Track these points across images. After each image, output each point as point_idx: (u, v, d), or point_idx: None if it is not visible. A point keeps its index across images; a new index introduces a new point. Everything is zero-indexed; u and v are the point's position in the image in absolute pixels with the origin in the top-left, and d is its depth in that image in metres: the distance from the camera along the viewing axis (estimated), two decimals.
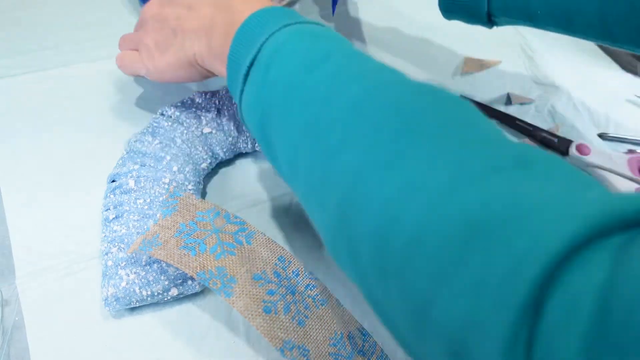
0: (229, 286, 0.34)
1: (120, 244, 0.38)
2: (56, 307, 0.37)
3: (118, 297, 0.36)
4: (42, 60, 0.51)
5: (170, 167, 0.42)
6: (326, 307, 0.36)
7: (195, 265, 0.34)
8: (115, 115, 0.48)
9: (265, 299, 0.34)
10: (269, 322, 0.34)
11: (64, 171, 0.44)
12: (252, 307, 0.34)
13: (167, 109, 0.46)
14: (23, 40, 0.53)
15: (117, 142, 0.44)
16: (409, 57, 0.57)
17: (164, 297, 0.37)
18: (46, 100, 0.48)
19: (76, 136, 0.46)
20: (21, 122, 0.47)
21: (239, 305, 0.34)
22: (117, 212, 0.40)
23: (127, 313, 0.37)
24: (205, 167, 0.44)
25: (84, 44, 0.54)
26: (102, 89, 0.50)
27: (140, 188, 0.40)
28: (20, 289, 0.37)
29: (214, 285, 0.34)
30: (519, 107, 0.55)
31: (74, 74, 0.51)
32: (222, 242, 0.36)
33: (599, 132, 0.54)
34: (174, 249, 0.35)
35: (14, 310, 0.37)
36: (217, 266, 0.35)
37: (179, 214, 0.37)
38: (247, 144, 0.46)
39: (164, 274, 0.37)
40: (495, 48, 0.61)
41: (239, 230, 0.38)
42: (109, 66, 0.52)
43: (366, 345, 0.36)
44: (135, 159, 0.42)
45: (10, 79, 0.50)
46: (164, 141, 0.43)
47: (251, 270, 0.36)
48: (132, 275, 0.37)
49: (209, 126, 0.45)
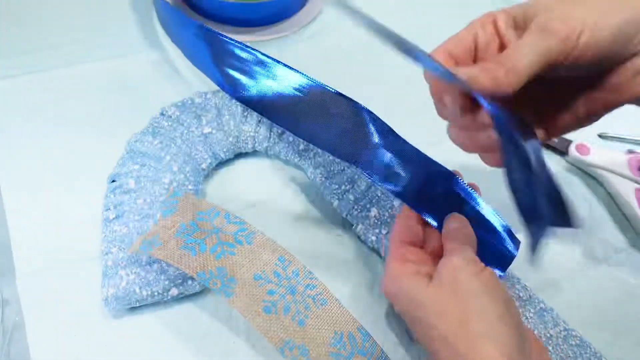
0: (229, 286, 0.34)
1: (120, 244, 0.38)
2: (56, 307, 0.37)
3: (118, 297, 0.36)
4: (42, 60, 0.51)
5: (170, 167, 0.42)
6: (326, 307, 0.36)
7: (196, 265, 0.34)
8: (115, 115, 0.48)
9: (265, 299, 0.34)
10: (269, 322, 0.34)
11: (64, 171, 0.44)
12: (252, 307, 0.34)
13: (167, 109, 0.46)
14: (23, 40, 0.53)
15: (117, 142, 0.44)
16: None
17: (164, 297, 0.37)
18: (46, 100, 0.48)
19: (76, 136, 0.46)
20: (21, 122, 0.47)
21: (239, 305, 0.34)
22: (117, 212, 0.40)
23: (127, 313, 0.37)
24: (205, 167, 0.44)
25: (85, 44, 0.54)
26: (102, 89, 0.50)
27: (140, 188, 0.40)
28: (20, 289, 0.37)
29: (214, 285, 0.34)
30: None
31: (74, 74, 0.51)
32: (222, 242, 0.37)
33: (599, 132, 0.54)
34: (174, 249, 0.35)
35: (14, 310, 0.37)
36: (217, 266, 0.35)
37: (179, 214, 0.37)
38: (247, 144, 0.46)
39: (164, 274, 0.37)
40: None
41: (239, 230, 0.38)
42: (109, 66, 0.52)
43: (366, 345, 0.36)
44: (136, 159, 0.42)
45: (10, 79, 0.50)
46: (164, 141, 0.43)
47: (251, 270, 0.36)
48: (132, 275, 0.37)
49: (209, 126, 0.45)
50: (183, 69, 0.53)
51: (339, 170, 0.44)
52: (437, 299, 0.31)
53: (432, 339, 0.31)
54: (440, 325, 0.31)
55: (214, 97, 0.47)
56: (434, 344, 0.31)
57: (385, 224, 0.42)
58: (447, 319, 0.30)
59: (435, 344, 0.31)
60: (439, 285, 0.32)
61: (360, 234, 0.43)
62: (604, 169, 0.49)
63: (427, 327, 0.31)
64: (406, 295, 0.33)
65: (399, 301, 0.34)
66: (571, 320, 0.40)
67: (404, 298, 0.33)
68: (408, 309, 0.33)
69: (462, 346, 0.29)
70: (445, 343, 0.30)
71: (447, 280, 0.32)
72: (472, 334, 0.29)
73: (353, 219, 0.43)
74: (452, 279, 0.31)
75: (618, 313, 0.42)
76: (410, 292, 0.33)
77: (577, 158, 0.50)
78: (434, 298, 0.32)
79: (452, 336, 0.30)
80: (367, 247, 0.43)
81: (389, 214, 0.42)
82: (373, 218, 0.42)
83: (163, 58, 0.54)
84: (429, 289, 0.32)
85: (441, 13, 0.66)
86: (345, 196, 0.43)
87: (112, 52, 0.53)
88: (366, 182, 0.43)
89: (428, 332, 0.31)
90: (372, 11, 0.64)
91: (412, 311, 0.33)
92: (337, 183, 0.44)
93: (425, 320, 0.31)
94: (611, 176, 0.48)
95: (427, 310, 0.31)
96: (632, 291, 0.43)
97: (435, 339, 0.31)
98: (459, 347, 0.29)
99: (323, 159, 0.45)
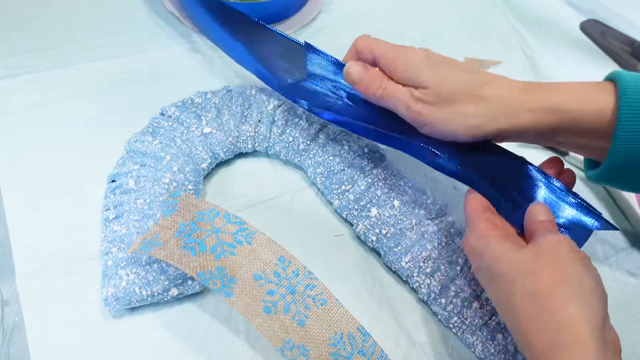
0: (228, 286, 0.34)
1: (120, 244, 0.38)
2: (56, 307, 0.37)
3: (118, 297, 0.36)
4: (42, 60, 0.52)
5: (170, 167, 0.42)
6: (326, 307, 0.36)
7: (195, 265, 0.34)
8: (115, 115, 0.48)
9: (265, 299, 0.34)
10: (269, 322, 0.34)
11: (64, 171, 0.44)
12: (252, 307, 0.34)
13: (167, 109, 0.46)
14: (23, 40, 0.53)
15: (117, 142, 0.44)
16: None
17: (164, 297, 0.37)
18: (46, 100, 0.48)
19: (76, 136, 0.46)
20: (21, 122, 0.47)
21: (239, 305, 0.34)
22: (117, 212, 0.40)
23: (127, 313, 0.37)
24: (205, 167, 0.44)
25: (84, 44, 0.54)
26: (102, 89, 0.50)
27: (140, 188, 0.40)
28: (20, 289, 0.37)
29: (213, 285, 0.34)
30: None
31: (74, 74, 0.51)
32: (222, 242, 0.37)
33: None
34: (174, 249, 0.35)
35: (14, 310, 0.37)
36: (217, 266, 0.35)
37: (178, 214, 0.37)
38: (247, 144, 0.46)
39: (164, 274, 0.37)
40: (495, 48, 0.61)
41: (238, 230, 0.38)
42: (109, 66, 0.52)
43: (366, 345, 0.36)
44: (135, 159, 0.42)
45: (10, 79, 0.50)
46: (164, 141, 0.43)
47: (251, 270, 0.36)
48: (132, 275, 0.37)
49: (209, 126, 0.45)
50: (183, 69, 0.53)
51: (339, 170, 0.44)
52: (530, 261, 0.32)
53: (515, 294, 0.31)
54: (530, 282, 0.31)
55: (214, 97, 0.47)
56: (517, 300, 0.31)
57: (385, 224, 0.42)
58: (539, 278, 0.31)
59: (518, 300, 0.31)
60: (535, 251, 0.32)
61: (360, 234, 0.43)
62: None
63: (512, 283, 0.31)
64: (493, 252, 0.33)
65: (483, 258, 0.34)
66: None
67: (489, 255, 0.33)
68: (492, 265, 0.33)
69: (551, 303, 0.29)
70: (532, 299, 0.30)
71: (546, 249, 0.32)
72: (564, 295, 0.30)
73: (353, 219, 0.43)
74: (551, 248, 0.32)
75: (618, 313, 0.42)
76: (499, 250, 0.33)
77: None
78: (526, 260, 0.32)
79: (541, 294, 0.30)
80: (367, 247, 0.43)
81: (389, 214, 0.42)
82: (373, 218, 0.42)
83: (163, 58, 0.54)
84: (522, 252, 0.32)
85: (441, 13, 0.66)
86: (345, 196, 0.43)
87: (111, 52, 0.53)
88: (366, 182, 0.43)
89: (512, 288, 0.31)
90: (374, 10, 0.64)
91: (496, 267, 0.33)
92: (337, 183, 0.44)
93: (512, 276, 0.32)
94: None
95: (516, 267, 0.32)
96: (632, 291, 0.43)
97: (520, 295, 0.31)
98: (548, 304, 0.30)
99: (323, 159, 0.45)
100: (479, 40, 0.62)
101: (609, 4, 0.70)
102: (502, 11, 0.67)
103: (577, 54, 0.63)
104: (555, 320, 0.29)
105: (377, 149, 0.47)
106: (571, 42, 0.64)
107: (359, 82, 0.39)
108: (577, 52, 0.63)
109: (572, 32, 0.66)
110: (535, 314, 0.30)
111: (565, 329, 0.29)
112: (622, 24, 0.66)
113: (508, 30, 0.64)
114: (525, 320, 0.30)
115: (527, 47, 0.62)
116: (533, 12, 0.67)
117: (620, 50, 0.62)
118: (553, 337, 0.29)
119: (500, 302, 0.33)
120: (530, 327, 0.30)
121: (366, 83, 0.39)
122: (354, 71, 0.39)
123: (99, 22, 0.56)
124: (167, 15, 0.58)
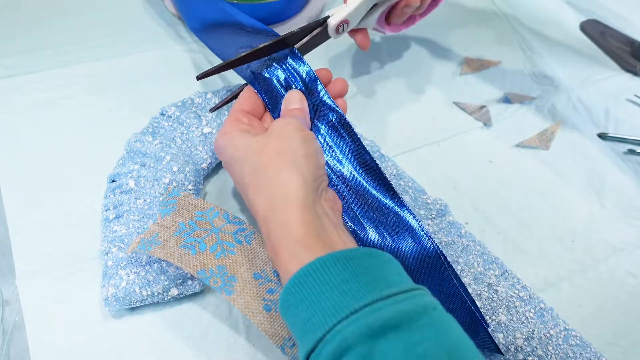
0: (229, 284, 0.34)
1: (120, 244, 0.38)
2: (56, 307, 0.37)
3: (118, 297, 0.36)
4: (42, 60, 0.52)
5: (170, 167, 0.42)
6: None
7: (196, 264, 0.34)
8: (115, 115, 0.48)
9: (265, 297, 0.34)
10: (270, 320, 0.34)
11: (64, 171, 0.44)
12: (253, 305, 0.34)
13: (167, 109, 0.46)
14: (23, 40, 0.53)
15: (117, 142, 0.44)
16: (409, 57, 0.57)
17: (164, 297, 0.37)
18: (46, 100, 0.48)
19: (76, 136, 0.46)
20: (21, 122, 0.47)
21: (239, 303, 0.34)
22: (117, 212, 0.40)
23: (127, 313, 0.37)
24: (205, 167, 0.44)
25: (84, 44, 0.54)
26: (102, 89, 0.50)
27: (140, 188, 0.40)
28: (20, 289, 0.37)
29: (214, 283, 0.34)
30: (519, 106, 0.55)
31: (74, 74, 0.51)
32: (222, 242, 0.37)
33: (598, 131, 0.54)
34: (174, 247, 0.35)
35: (14, 310, 0.37)
36: (217, 265, 0.35)
37: (178, 213, 0.37)
38: None
39: (164, 274, 0.37)
40: (495, 48, 0.61)
41: (238, 230, 0.38)
42: (109, 66, 0.52)
43: None
44: (135, 159, 0.42)
45: (10, 79, 0.50)
46: (164, 141, 0.43)
47: (251, 269, 0.36)
48: (132, 275, 0.37)
49: (209, 126, 0.45)
50: (183, 69, 0.53)
51: None
52: (260, 142, 0.35)
53: (245, 172, 0.34)
54: (256, 159, 0.34)
55: (214, 97, 0.47)
56: (245, 176, 0.34)
57: None
58: (263, 154, 0.34)
59: (247, 176, 0.34)
60: (267, 134, 0.36)
61: None
62: None
63: (244, 163, 0.35)
64: (231, 143, 0.36)
65: (225, 151, 0.36)
66: (571, 320, 0.40)
67: (230, 147, 0.36)
68: (232, 155, 0.36)
69: (269, 173, 0.33)
70: (256, 172, 0.34)
71: (275, 129, 0.36)
72: (280, 163, 0.33)
73: None
74: (279, 128, 0.36)
75: (618, 313, 0.42)
76: (237, 140, 0.36)
77: None
78: (257, 142, 0.35)
79: (263, 166, 0.33)
80: None
81: None
82: None
83: (163, 58, 0.54)
84: (256, 137, 0.36)
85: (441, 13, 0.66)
86: None
87: (111, 52, 0.53)
88: None
89: (243, 167, 0.35)
90: None
91: (235, 154, 0.36)
92: None
93: (244, 159, 0.35)
94: None
95: (249, 150, 0.35)
96: (632, 291, 0.43)
97: (249, 171, 0.34)
98: (266, 174, 0.33)
99: None
100: (479, 40, 0.62)
101: (609, 4, 0.70)
102: (502, 11, 0.67)
103: (577, 54, 0.63)
104: (271, 185, 0.33)
105: (377, 149, 0.47)
106: (571, 42, 0.64)
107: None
108: (577, 52, 0.63)
109: (572, 32, 0.66)
110: (258, 184, 0.33)
111: (278, 190, 0.32)
112: (622, 24, 0.66)
113: (508, 30, 0.64)
114: (251, 192, 0.34)
115: (527, 47, 0.62)
116: (533, 12, 0.67)
117: (619, 50, 0.63)
118: (270, 199, 0.32)
119: (238, 183, 0.36)
120: (255, 197, 0.33)
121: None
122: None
123: (99, 22, 0.56)
124: (167, 16, 0.58)
